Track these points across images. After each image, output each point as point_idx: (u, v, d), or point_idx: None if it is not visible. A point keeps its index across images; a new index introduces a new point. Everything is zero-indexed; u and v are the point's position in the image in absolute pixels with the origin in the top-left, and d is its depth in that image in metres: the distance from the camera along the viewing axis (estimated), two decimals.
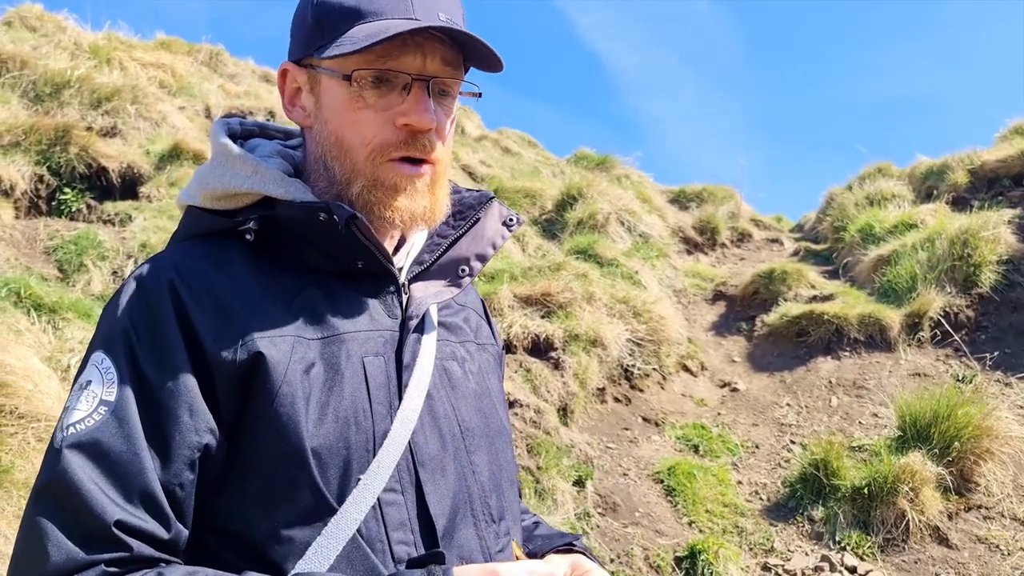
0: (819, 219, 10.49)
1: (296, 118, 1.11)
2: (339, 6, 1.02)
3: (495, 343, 1.26)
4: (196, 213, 1.09)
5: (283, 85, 1.11)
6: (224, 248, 1.04)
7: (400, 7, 1.01)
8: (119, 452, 0.89)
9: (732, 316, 7.59)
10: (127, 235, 5.67)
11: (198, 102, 8.88)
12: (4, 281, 4.45)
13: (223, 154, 1.08)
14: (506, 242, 1.19)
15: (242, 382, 0.95)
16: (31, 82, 7.43)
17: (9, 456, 3.23)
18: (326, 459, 0.95)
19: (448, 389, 1.08)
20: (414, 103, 1.02)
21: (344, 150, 1.04)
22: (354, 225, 1.00)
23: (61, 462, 0.88)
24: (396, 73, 1.01)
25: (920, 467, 4.41)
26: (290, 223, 1.03)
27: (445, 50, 1.04)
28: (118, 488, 0.88)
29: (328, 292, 1.04)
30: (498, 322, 5.53)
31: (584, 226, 8.12)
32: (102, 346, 0.96)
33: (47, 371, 3.74)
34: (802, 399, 5.96)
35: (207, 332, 0.95)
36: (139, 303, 0.97)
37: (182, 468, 0.92)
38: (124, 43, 9.65)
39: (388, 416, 1.00)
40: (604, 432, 5.28)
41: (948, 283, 6.59)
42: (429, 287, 1.12)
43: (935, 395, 4.91)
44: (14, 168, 6.08)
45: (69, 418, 0.91)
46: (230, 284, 1.00)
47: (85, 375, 0.95)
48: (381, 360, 1.03)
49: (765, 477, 5.09)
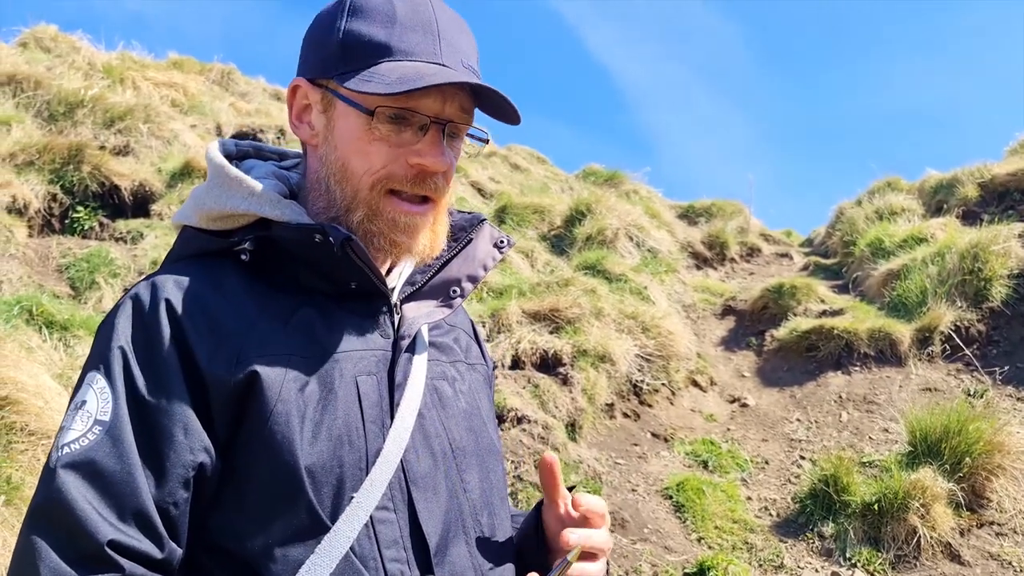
0: (828, 233, 10.48)
1: (302, 135, 1.12)
2: (369, 40, 1.02)
3: (485, 363, 1.27)
4: (192, 233, 1.11)
5: (292, 100, 1.11)
6: (219, 268, 1.05)
7: (428, 50, 1.03)
8: (113, 472, 0.90)
9: (741, 331, 7.58)
10: (139, 252, 5.72)
11: (209, 120, 8.96)
12: (17, 299, 4.50)
13: (220, 175, 1.09)
14: (496, 264, 1.20)
15: (237, 401, 0.96)
16: (45, 102, 7.52)
17: (19, 473, 3.26)
18: (320, 477, 0.95)
19: (439, 408, 1.09)
20: (430, 145, 1.03)
21: (348, 176, 1.05)
22: (349, 247, 1.01)
23: (56, 482, 0.89)
24: (416, 114, 1.02)
25: (931, 483, 4.38)
26: (285, 244, 1.04)
27: (463, 97, 1.05)
28: (112, 507, 0.89)
29: (322, 312, 1.05)
30: (506, 337, 5.54)
31: (593, 242, 8.13)
32: (97, 366, 0.97)
33: (58, 388, 3.77)
34: (812, 414, 5.94)
35: (202, 351, 0.96)
36: (135, 323, 0.98)
37: (176, 487, 0.93)
38: (137, 63, 9.77)
39: (381, 435, 1.01)
40: (613, 448, 5.27)
41: (959, 297, 6.55)
42: (421, 307, 1.13)
43: (946, 410, 4.87)
44: (28, 187, 6.16)
45: (64, 438, 0.92)
46: (225, 304, 1.01)
47: (80, 395, 0.96)
48: (374, 379, 1.04)
49: (775, 493, 5.06)
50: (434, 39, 1.04)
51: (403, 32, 1.02)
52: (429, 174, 1.05)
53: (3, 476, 3.19)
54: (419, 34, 1.03)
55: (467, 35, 1.09)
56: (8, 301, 4.47)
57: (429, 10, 1.05)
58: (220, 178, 1.09)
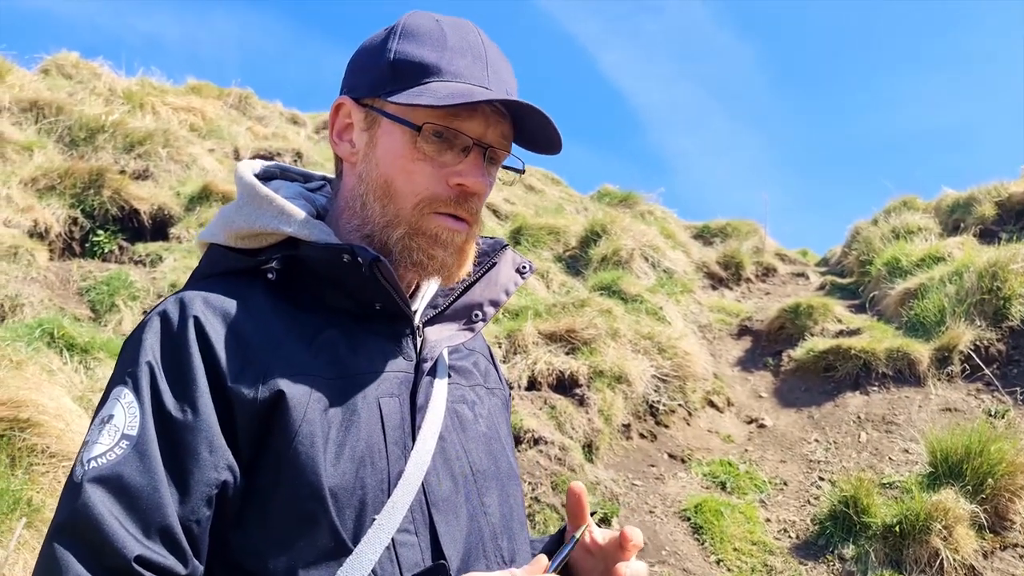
0: (844, 253, 10.43)
1: (342, 152, 1.13)
2: (420, 60, 1.05)
3: (502, 387, 1.28)
4: (220, 251, 1.11)
5: (335, 118, 1.13)
6: (246, 287, 1.06)
7: (477, 75, 1.05)
8: (140, 487, 0.90)
9: (758, 351, 7.54)
10: (157, 275, 5.78)
11: (227, 144, 9.07)
12: (38, 322, 4.55)
13: (251, 194, 1.11)
14: (518, 288, 1.22)
15: (262, 420, 0.96)
16: (67, 127, 7.64)
17: (40, 495, 3.28)
18: (342, 499, 0.96)
19: (459, 431, 1.10)
20: (472, 166, 1.05)
21: (391, 195, 1.06)
22: (377, 268, 1.02)
23: (82, 496, 0.89)
24: (460, 135, 1.04)
25: (953, 504, 4.33)
26: (313, 263, 1.05)
27: (505, 125, 1.08)
28: (138, 523, 0.89)
29: (346, 332, 1.06)
30: (522, 358, 5.54)
31: (608, 262, 8.14)
32: (125, 380, 0.96)
33: (78, 410, 3.80)
34: (830, 435, 5.89)
35: (229, 369, 0.97)
36: (163, 339, 0.98)
37: (199, 504, 0.93)
38: (156, 88, 9.91)
39: (403, 457, 1.01)
40: (630, 469, 5.25)
41: (977, 316, 6.50)
42: (443, 330, 1.14)
43: (967, 430, 4.83)
44: (49, 211, 6.24)
45: (90, 452, 0.92)
46: (252, 322, 1.01)
47: (106, 409, 0.96)
48: (396, 401, 1.04)
49: (794, 515, 5.02)
50: (483, 65, 1.07)
51: (453, 56, 1.05)
52: (469, 195, 1.06)
53: (24, 498, 3.21)
54: (468, 59, 1.06)
55: (510, 68, 1.12)
56: (30, 324, 4.52)
57: (478, 39, 1.08)
58: (251, 197, 1.10)
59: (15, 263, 5.34)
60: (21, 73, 8.59)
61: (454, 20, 1.10)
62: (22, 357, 3.91)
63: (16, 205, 6.14)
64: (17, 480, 3.27)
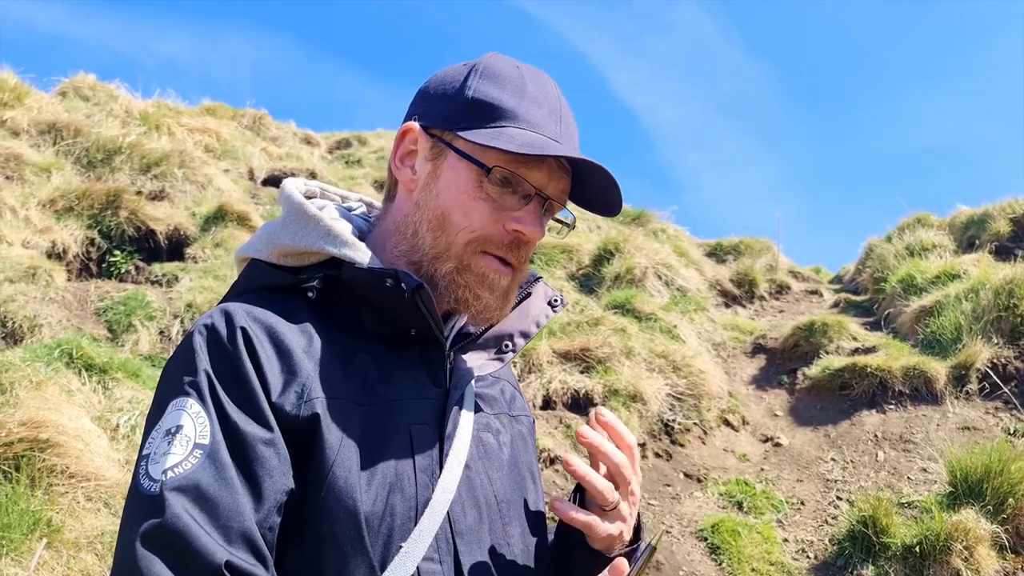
0: (858, 270, 10.39)
1: (402, 177, 1.13)
2: (499, 103, 1.06)
3: (527, 414, 1.28)
4: (262, 267, 1.12)
5: (400, 143, 1.13)
6: (288, 303, 1.06)
7: (551, 128, 1.07)
8: (219, 495, 0.90)
9: (773, 369, 7.51)
10: (174, 295, 5.81)
11: (242, 164, 9.14)
12: (57, 342, 4.58)
13: (299, 212, 1.11)
14: (549, 321, 1.23)
15: (301, 438, 0.97)
16: (84, 149, 7.72)
17: (60, 515, 3.29)
18: (373, 525, 0.96)
19: (485, 460, 1.10)
20: (531, 214, 1.07)
21: (445, 227, 1.07)
22: (419, 295, 1.02)
23: (166, 506, 0.88)
24: (525, 183, 1.06)
25: (974, 524, 4.29)
26: (354, 285, 1.06)
27: (566, 181, 1.10)
28: (220, 530, 0.89)
29: (378, 357, 1.06)
30: (537, 377, 5.54)
31: (621, 281, 8.13)
32: (186, 391, 0.96)
33: (97, 431, 3.82)
34: (847, 454, 5.85)
35: (275, 383, 0.97)
36: (215, 350, 0.98)
37: (272, 511, 0.93)
38: (172, 110, 10.01)
39: (430, 485, 1.01)
40: (646, 488, 5.22)
41: (995, 334, 6.46)
42: (473, 359, 1.15)
43: (986, 449, 4.79)
44: (67, 232, 6.30)
45: (164, 463, 0.91)
46: (295, 338, 1.02)
47: (170, 420, 0.95)
48: (426, 428, 1.04)
49: (812, 535, 4.98)
50: (557, 119, 1.09)
51: (531, 105, 1.07)
52: (523, 242, 1.08)
53: (44, 519, 3.22)
54: (545, 111, 1.08)
55: (576, 126, 1.14)
56: (48, 344, 4.55)
57: (555, 92, 1.11)
58: (298, 215, 1.11)
59: (33, 284, 5.39)
60: (39, 96, 8.70)
61: (534, 70, 1.12)
62: (41, 378, 3.94)
63: (34, 226, 6.20)
64: (37, 500, 3.28)
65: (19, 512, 3.15)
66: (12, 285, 5.18)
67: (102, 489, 3.49)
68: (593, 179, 1.08)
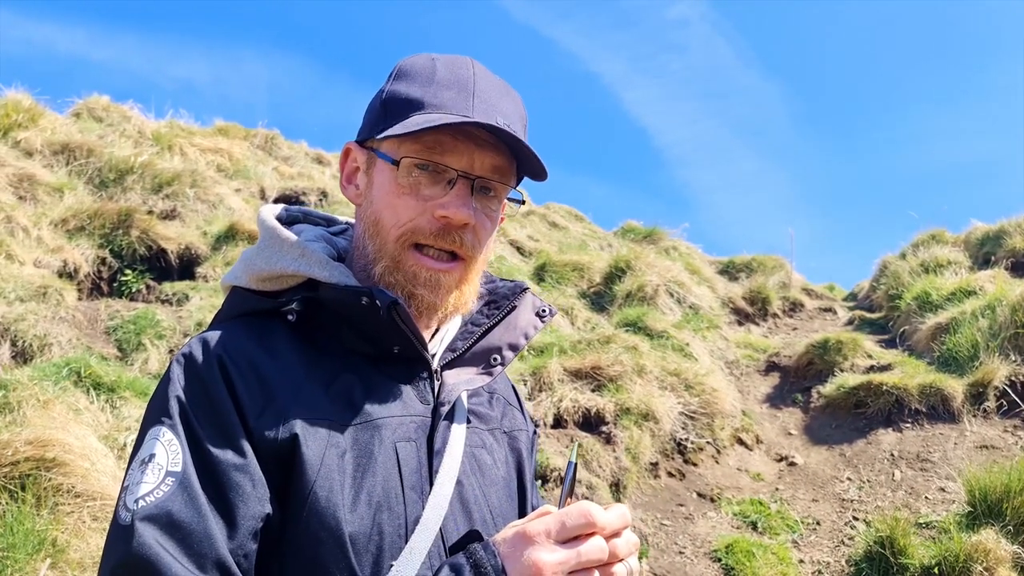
0: (873, 287, 10.31)
1: (349, 195, 1.15)
2: (405, 96, 1.06)
3: (526, 427, 1.27)
4: (241, 293, 1.13)
5: (344, 163, 1.16)
6: (268, 328, 1.06)
7: (460, 105, 1.05)
8: (190, 522, 0.90)
9: (787, 387, 7.43)
10: (184, 314, 5.81)
11: (253, 184, 9.17)
12: (66, 361, 4.57)
13: (271, 236, 1.12)
14: (538, 332, 1.20)
15: (281, 461, 0.96)
16: (97, 169, 7.77)
17: (65, 535, 3.26)
18: (360, 544, 0.95)
19: (478, 476, 1.09)
20: (454, 197, 1.05)
21: (379, 230, 1.08)
22: (395, 311, 1.02)
23: (136, 536, 0.88)
24: (442, 167, 1.05)
25: (994, 545, 4.20)
26: (332, 305, 1.06)
27: (496, 157, 1.07)
28: (192, 558, 0.88)
29: (363, 376, 1.06)
30: (548, 396, 5.49)
31: (633, 298, 8.09)
32: (160, 420, 0.97)
33: (104, 450, 3.80)
34: (863, 473, 5.76)
35: (252, 409, 0.97)
36: (191, 379, 0.99)
37: (247, 538, 0.92)
38: (185, 130, 10.08)
39: (420, 502, 1.00)
40: (658, 508, 5.15)
41: (1012, 351, 6.37)
42: (461, 374, 1.13)
43: (1005, 468, 4.70)
44: (79, 252, 6.32)
45: (136, 492, 0.91)
46: (273, 364, 1.02)
47: (146, 450, 0.95)
48: (413, 446, 1.03)
49: (828, 556, 4.89)
50: (467, 96, 1.06)
51: (438, 89, 1.06)
52: (454, 227, 1.06)
53: (49, 539, 3.20)
54: (453, 91, 1.06)
55: (511, 100, 1.11)
56: (57, 363, 4.55)
57: (468, 72, 1.09)
58: (271, 240, 1.12)
59: (44, 303, 5.39)
60: (52, 117, 8.78)
61: (451, 57, 1.11)
62: (49, 396, 3.93)
63: (46, 245, 6.22)
64: (42, 520, 3.26)
65: (24, 532, 3.13)
66: (23, 304, 5.19)
67: (108, 508, 3.46)
68: (522, 148, 1.06)
